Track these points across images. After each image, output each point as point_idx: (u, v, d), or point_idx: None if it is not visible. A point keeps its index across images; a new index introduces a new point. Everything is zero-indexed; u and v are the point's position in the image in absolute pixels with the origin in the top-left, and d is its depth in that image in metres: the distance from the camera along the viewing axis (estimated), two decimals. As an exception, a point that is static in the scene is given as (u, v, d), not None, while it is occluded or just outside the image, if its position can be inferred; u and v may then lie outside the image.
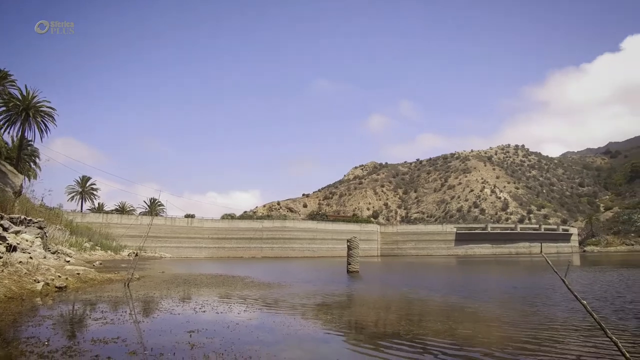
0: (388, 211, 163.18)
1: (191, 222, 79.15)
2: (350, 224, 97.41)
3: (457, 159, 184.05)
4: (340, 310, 10.82)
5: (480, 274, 26.05)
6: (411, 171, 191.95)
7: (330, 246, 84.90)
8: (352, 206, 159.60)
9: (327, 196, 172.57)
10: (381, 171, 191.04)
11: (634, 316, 8.90)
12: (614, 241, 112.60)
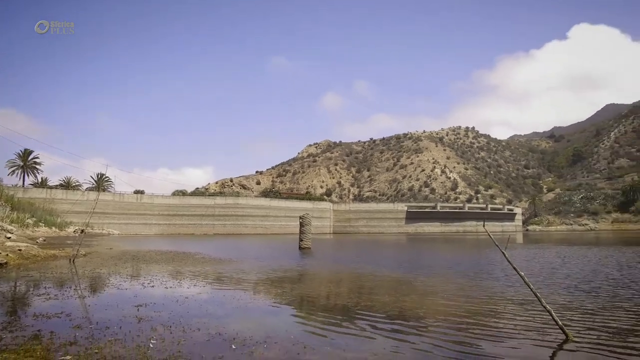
0: (341, 189, 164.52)
1: (141, 198, 77.16)
2: (303, 202, 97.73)
3: (410, 139, 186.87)
4: (291, 285, 10.93)
5: (428, 250, 26.83)
6: (365, 150, 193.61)
7: (283, 223, 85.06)
8: (306, 184, 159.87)
9: (281, 174, 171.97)
10: (335, 150, 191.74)
11: (566, 290, 9.43)
12: (554, 221, 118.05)
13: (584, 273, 12.49)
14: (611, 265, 14.93)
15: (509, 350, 5.00)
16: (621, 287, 9.48)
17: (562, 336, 5.32)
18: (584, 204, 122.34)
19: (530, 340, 5.41)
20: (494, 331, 5.91)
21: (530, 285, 5.79)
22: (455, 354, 4.83)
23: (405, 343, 5.22)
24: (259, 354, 4.73)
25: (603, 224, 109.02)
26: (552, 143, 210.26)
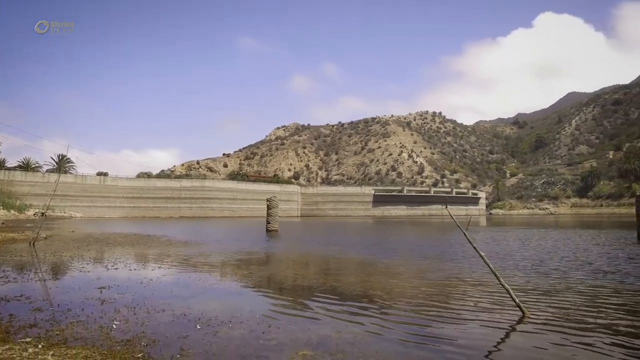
0: (309, 172, 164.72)
1: (104, 181, 75.32)
2: (271, 185, 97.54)
3: (378, 123, 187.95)
4: (258, 266, 10.97)
5: (394, 233, 27.23)
6: (333, 134, 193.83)
7: (251, 206, 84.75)
8: (274, 167, 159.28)
9: (249, 156, 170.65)
10: (303, 133, 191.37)
11: (524, 270, 9.75)
12: (517, 205, 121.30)
13: (542, 255, 12.92)
14: (567, 247, 15.49)
15: (468, 326, 5.17)
16: (575, 269, 9.86)
17: (519, 313, 5.53)
18: (545, 188, 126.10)
19: (490, 317, 5.60)
20: (456, 309, 6.08)
21: (489, 264, 5.97)
22: (416, 329, 4.97)
23: (368, 321, 5.32)
24: (223, 333, 4.75)
25: (562, 208, 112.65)
26: (516, 129, 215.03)
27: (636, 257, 11.78)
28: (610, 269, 9.55)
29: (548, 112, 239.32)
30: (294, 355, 3.99)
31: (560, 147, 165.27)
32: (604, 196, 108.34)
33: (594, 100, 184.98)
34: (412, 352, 4.17)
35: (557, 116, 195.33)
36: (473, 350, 4.24)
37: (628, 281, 8.06)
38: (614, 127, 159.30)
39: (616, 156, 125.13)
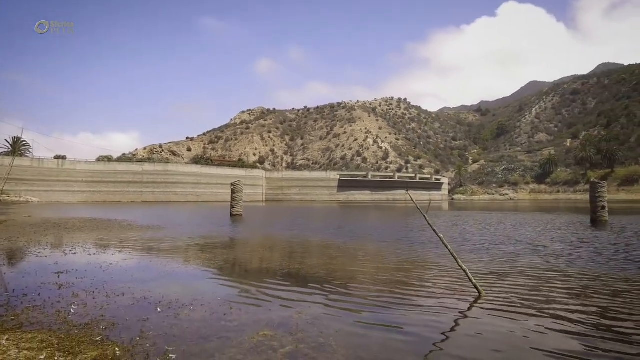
0: (274, 157, 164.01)
1: (62, 164, 72.91)
2: (235, 169, 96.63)
3: (344, 108, 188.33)
4: (221, 250, 10.91)
5: (358, 218, 27.50)
6: (299, 118, 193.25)
7: (215, 191, 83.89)
8: (239, 151, 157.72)
9: (213, 140, 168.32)
10: (269, 117, 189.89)
11: (480, 253, 10.04)
12: (478, 190, 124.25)
13: (499, 238, 13.32)
14: (524, 231, 16.01)
15: (427, 306, 5.30)
16: (531, 252, 10.21)
17: (476, 293, 5.72)
18: (505, 175, 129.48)
19: (448, 297, 5.77)
20: (415, 289, 6.23)
21: (448, 246, 6.13)
22: (376, 309, 5.07)
23: (329, 303, 5.40)
24: (184, 315, 4.74)
25: (522, 194, 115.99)
26: (478, 116, 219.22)
27: (588, 241, 12.27)
28: (564, 252, 9.93)
29: (510, 100, 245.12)
30: (255, 336, 4.02)
31: (521, 135, 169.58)
32: (561, 183, 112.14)
33: (554, 90, 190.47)
34: (372, 331, 4.27)
35: (519, 104, 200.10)
36: (431, 329, 4.37)
37: (579, 264, 8.40)
38: (572, 116, 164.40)
39: (573, 144, 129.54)
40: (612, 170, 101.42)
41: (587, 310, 5.03)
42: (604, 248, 10.52)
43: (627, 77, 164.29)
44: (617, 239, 12.48)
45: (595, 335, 4.12)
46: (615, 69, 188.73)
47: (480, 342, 3.95)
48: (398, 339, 4.04)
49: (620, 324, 4.49)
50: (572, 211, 34.70)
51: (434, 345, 3.87)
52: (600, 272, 7.40)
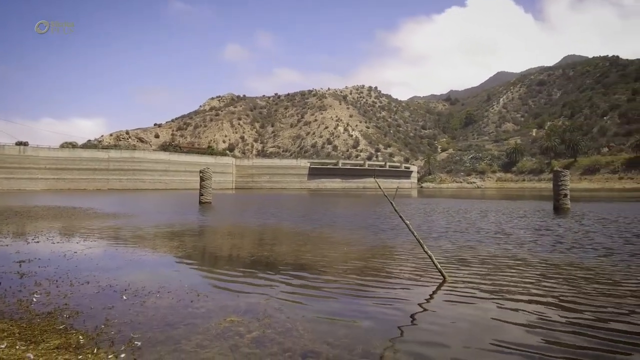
0: (244, 144, 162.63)
1: (24, 151, 70.61)
2: (205, 156, 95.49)
3: (314, 96, 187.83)
4: (189, 238, 10.82)
5: (328, 205, 27.60)
6: (269, 105, 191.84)
7: (184, 178, 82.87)
8: (208, 138, 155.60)
9: (181, 127, 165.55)
10: (239, 104, 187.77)
11: (446, 239, 10.24)
12: (446, 179, 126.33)
13: (465, 225, 13.60)
14: (489, 218, 16.38)
15: (393, 290, 5.40)
16: (495, 238, 10.47)
17: (441, 278, 5.85)
18: (473, 163, 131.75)
19: (413, 282, 5.88)
20: (382, 275, 6.33)
21: (414, 232, 6.23)
22: (343, 295, 5.12)
23: (297, 289, 5.45)
24: (151, 302, 4.71)
25: (489, 182, 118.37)
26: (448, 106, 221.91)
27: (551, 228, 12.65)
28: (526, 240, 10.22)
29: (478, 90, 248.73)
30: (222, 322, 4.03)
31: (489, 124, 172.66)
32: (527, 171, 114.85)
33: (521, 80, 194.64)
34: (338, 317, 4.32)
35: (487, 94, 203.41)
36: (397, 313, 4.45)
37: (540, 251, 8.66)
38: (538, 106, 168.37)
39: (539, 134, 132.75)
40: (575, 160, 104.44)
41: (546, 296, 5.20)
42: (565, 235, 10.87)
43: (590, 69, 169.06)
44: (578, 226, 12.89)
45: (553, 320, 4.27)
46: (579, 61, 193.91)
47: (443, 326, 4.05)
48: (364, 323, 4.11)
49: (577, 307, 4.66)
50: (537, 199, 35.66)
51: (399, 329, 3.95)
52: (560, 259, 7.64)
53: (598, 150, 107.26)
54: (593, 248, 8.70)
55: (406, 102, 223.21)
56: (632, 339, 3.68)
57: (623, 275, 6.17)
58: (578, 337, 3.72)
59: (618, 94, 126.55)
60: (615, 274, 6.28)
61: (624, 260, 7.33)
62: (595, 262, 7.15)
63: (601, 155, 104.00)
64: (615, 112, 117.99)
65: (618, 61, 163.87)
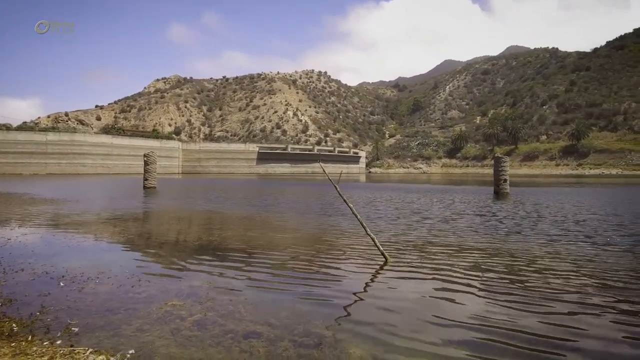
0: (191, 128, 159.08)
1: (-48, 132, 66.46)
2: (149, 140, 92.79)
3: (264, 79, 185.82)
4: (132, 223, 10.57)
5: (276, 190, 27.56)
6: (217, 88, 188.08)
7: (128, 163, 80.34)
8: (153, 121, 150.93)
9: (125, 109, 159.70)
10: (185, 86, 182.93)
11: (389, 223, 10.50)
12: (394, 164, 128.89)
13: (408, 209, 13.96)
14: (431, 202, 16.87)
15: (337, 272, 5.51)
16: (435, 222, 10.82)
17: (383, 259, 6.02)
18: (420, 149, 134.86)
19: (356, 264, 6.01)
20: (326, 258, 6.42)
21: (357, 215, 6.36)
22: (287, 278, 5.17)
23: (242, 272, 5.45)
24: (90, 288, 4.59)
25: (434, 168, 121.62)
26: (396, 92, 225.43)
27: (490, 212, 13.19)
28: (465, 222, 10.62)
29: (426, 77, 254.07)
30: (163, 306, 4.00)
31: (435, 112, 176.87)
32: (471, 157, 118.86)
33: (467, 69, 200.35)
34: (282, 298, 4.37)
35: (434, 82, 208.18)
36: (339, 294, 4.55)
37: (477, 232, 9.03)
38: (482, 95, 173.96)
39: (482, 121, 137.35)
40: (516, 147, 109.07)
41: (483, 276, 5.45)
42: (503, 219, 11.38)
43: (532, 60, 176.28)
44: (514, 210, 13.51)
45: (490, 299, 4.50)
46: (522, 51, 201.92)
47: (383, 305, 4.18)
48: (307, 305, 4.18)
49: (509, 287, 4.92)
50: (479, 184, 36.97)
51: (340, 309, 4.05)
52: (496, 241, 8.01)
53: (537, 138, 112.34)
54: (528, 231, 9.15)
55: (355, 88, 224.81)
56: (553, 307, 3.94)
57: (551, 258, 6.55)
58: (511, 313, 3.94)
59: (556, 84, 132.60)
60: (545, 255, 6.66)
61: (553, 241, 7.78)
62: (528, 245, 7.54)
63: (540, 142, 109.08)
64: (553, 102, 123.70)
65: (557, 53, 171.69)
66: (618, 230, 9.06)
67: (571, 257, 6.44)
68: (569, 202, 16.83)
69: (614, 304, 4.20)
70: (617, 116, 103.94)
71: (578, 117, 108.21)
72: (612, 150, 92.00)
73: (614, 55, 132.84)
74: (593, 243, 7.55)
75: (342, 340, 3.28)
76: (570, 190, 26.84)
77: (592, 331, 3.50)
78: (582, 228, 9.43)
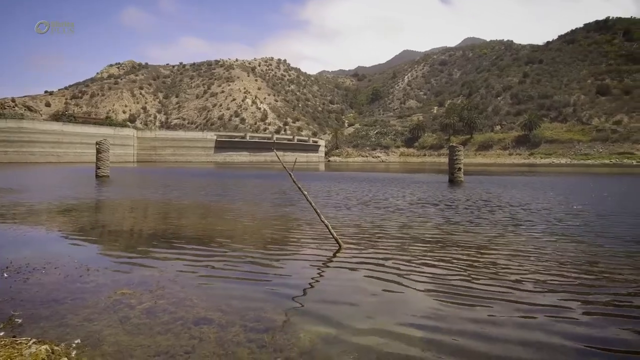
0: (147, 115, 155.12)
1: None
2: (103, 127, 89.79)
3: (222, 66, 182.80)
4: (83, 213, 10.27)
5: (234, 179, 27.33)
6: (173, 75, 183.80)
7: (80, 151, 77.56)
8: (106, 108, 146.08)
9: (76, 95, 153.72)
10: (140, 72, 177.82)
11: (344, 210, 10.61)
12: (353, 153, 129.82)
13: (364, 196, 14.14)
14: (388, 190, 17.13)
15: (292, 259, 5.57)
16: (390, 209, 11.01)
17: (337, 246, 6.09)
18: (378, 138, 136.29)
19: (312, 250, 6.09)
20: (281, 245, 6.47)
21: (312, 202, 6.40)
22: (241, 264, 5.16)
23: (195, 260, 5.41)
24: (35, 279, 4.45)
25: (392, 157, 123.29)
26: (355, 81, 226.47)
27: (443, 200, 13.52)
28: (419, 210, 10.86)
29: (385, 67, 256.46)
30: (112, 295, 3.93)
31: (394, 101, 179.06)
32: (428, 147, 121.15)
33: (425, 59, 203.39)
34: (234, 286, 4.37)
35: (393, 72, 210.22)
36: (293, 281, 4.60)
37: (430, 218, 9.26)
38: (440, 85, 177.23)
39: (439, 111, 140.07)
40: (472, 136, 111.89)
41: (434, 259, 5.61)
42: (455, 205, 11.69)
43: (487, 51, 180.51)
44: (467, 197, 13.90)
45: (442, 282, 4.63)
46: (478, 43, 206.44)
47: (335, 290, 4.25)
48: (259, 292, 4.19)
49: (457, 268, 5.08)
50: (435, 172, 37.76)
51: (293, 295, 4.08)
52: (447, 226, 8.24)
53: (492, 128, 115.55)
54: (479, 217, 9.45)
55: (315, 77, 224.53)
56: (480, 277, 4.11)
57: (498, 244, 6.80)
58: (457, 297, 4.07)
59: (511, 76, 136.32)
60: (492, 241, 6.91)
61: (495, 226, 8.09)
62: (478, 229, 7.79)
63: (494, 132, 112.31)
64: (507, 93, 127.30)
65: (512, 45, 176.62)
66: (571, 220, 9.49)
67: (517, 242, 6.70)
68: (519, 190, 17.45)
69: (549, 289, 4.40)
70: (566, 108, 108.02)
71: (530, 108, 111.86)
72: (561, 141, 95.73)
73: (565, 48, 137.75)
74: (540, 230, 7.89)
75: (293, 325, 3.33)
76: (522, 179, 27.79)
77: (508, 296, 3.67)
78: (530, 216, 9.81)
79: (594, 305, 3.85)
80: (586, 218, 9.30)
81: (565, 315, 3.58)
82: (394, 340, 3.06)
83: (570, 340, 3.06)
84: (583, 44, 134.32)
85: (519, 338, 3.10)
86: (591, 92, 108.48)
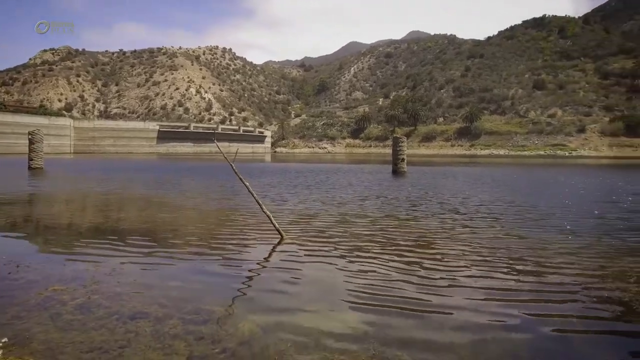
0: (84, 104, 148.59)
1: None
2: (36, 117, 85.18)
3: (165, 54, 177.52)
4: (14, 207, 9.77)
5: (177, 169, 26.79)
6: (113, 62, 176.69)
7: (11, 141, 73.35)
8: (40, 96, 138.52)
9: (7, 82, 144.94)
10: (77, 59, 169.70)
11: (286, 201, 10.66)
12: (299, 144, 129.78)
13: (308, 186, 14.24)
14: (332, 180, 17.31)
15: (232, 251, 5.56)
16: (328, 199, 11.15)
17: (279, 236, 6.13)
18: (325, 129, 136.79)
19: (254, 241, 6.12)
20: (224, 236, 6.44)
21: (253, 194, 6.40)
22: (182, 257, 5.10)
23: (132, 253, 5.29)
24: (-41, 277, 4.24)
25: (338, 148, 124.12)
26: (302, 72, 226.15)
27: (388, 189, 13.82)
28: (361, 199, 11.06)
29: (332, 58, 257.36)
30: (44, 291, 3.79)
31: (340, 92, 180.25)
32: (373, 138, 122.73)
33: (371, 52, 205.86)
34: (174, 279, 4.31)
35: (339, 63, 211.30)
36: (234, 271, 4.62)
37: (371, 208, 9.45)
38: (385, 77, 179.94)
39: (385, 103, 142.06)
40: (416, 128, 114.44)
41: (376, 248, 5.74)
42: (397, 194, 11.98)
43: (432, 45, 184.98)
44: (409, 187, 14.27)
45: (385, 269, 4.75)
46: (423, 37, 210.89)
47: (276, 282, 4.28)
48: (199, 283, 4.17)
49: (399, 257, 5.23)
50: (380, 163, 38.42)
51: (233, 286, 4.08)
52: (387, 215, 8.44)
53: (435, 120, 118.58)
54: (418, 205, 9.73)
55: (261, 67, 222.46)
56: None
57: (437, 231, 7.05)
58: (401, 277, 4.20)
59: (453, 69, 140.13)
60: (433, 229, 7.15)
61: (435, 214, 8.38)
62: (415, 216, 8.03)
63: (437, 124, 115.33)
64: (450, 86, 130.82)
65: (455, 40, 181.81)
66: (508, 208, 9.93)
67: (454, 228, 6.97)
68: (458, 180, 18.08)
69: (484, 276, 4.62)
70: (505, 101, 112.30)
71: (472, 101, 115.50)
72: (500, 133, 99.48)
73: (505, 44, 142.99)
74: (475, 217, 8.23)
75: (233, 316, 3.34)
76: (463, 169, 28.77)
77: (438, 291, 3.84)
78: (466, 206, 10.20)
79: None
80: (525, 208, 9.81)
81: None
82: (331, 327, 3.13)
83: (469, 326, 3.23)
84: (521, 40, 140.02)
85: (453, 320, 3.25)
86: (528, 86, 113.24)
